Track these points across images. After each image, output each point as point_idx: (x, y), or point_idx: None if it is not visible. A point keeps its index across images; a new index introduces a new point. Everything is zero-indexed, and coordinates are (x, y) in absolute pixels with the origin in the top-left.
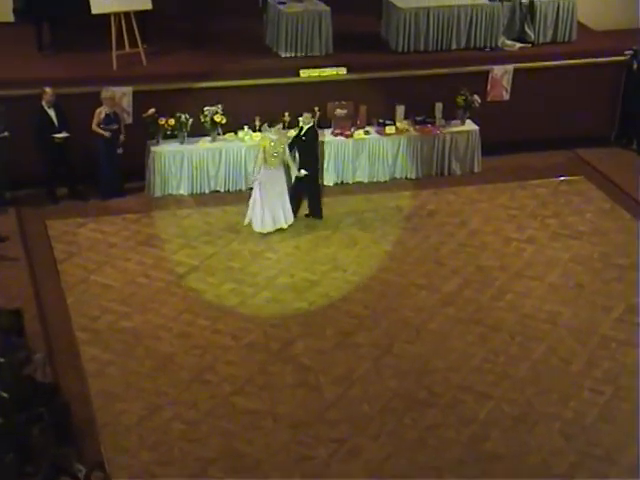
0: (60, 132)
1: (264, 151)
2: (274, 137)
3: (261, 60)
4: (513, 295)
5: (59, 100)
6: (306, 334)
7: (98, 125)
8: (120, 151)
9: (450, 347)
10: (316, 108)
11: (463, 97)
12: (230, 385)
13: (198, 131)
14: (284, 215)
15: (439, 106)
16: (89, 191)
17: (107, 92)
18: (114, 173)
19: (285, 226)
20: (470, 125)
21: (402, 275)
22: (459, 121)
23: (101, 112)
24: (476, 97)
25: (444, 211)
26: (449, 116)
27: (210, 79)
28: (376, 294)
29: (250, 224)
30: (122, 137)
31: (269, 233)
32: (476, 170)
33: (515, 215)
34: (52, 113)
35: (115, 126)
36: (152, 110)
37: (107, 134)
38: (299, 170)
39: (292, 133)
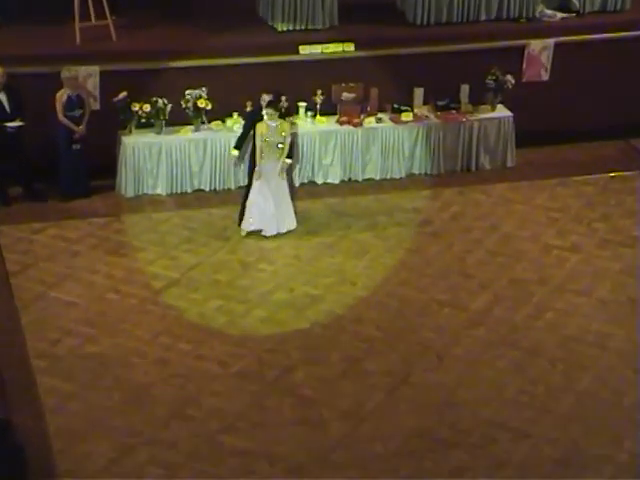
0: (13, 120)
1: (261, 139)
2: (273, 123)
3: (253, 34)
4: (554, 313)
5: (11, 82)
6: (308, 360)
7: (65, 114)
8: (77, 147)
9: (479, 376)
10: (319, 91)
11: (494, 77)
12: (217, 421)
13: (179, 119)
14: (284, 219)
15: (465, 88)
16: (48, 190)
17: (69, 72)
18: (78, 169)
19: (284, 230)
20: (502, 111)
21: (421, 290)
22: (489, 106)
23: (63, 96)
24: (509, 77)
25: (471, 213)
26: (477, 100)
27: (193, 57)
28: (391, 312)
29: (245, 232)
30: (81, 129)
31: (264, 239)
32: (509, 164)
33: (556, 218)
34: (3, 97)
35: (79, 112)
36: (123, 94)
37: (79, 129)
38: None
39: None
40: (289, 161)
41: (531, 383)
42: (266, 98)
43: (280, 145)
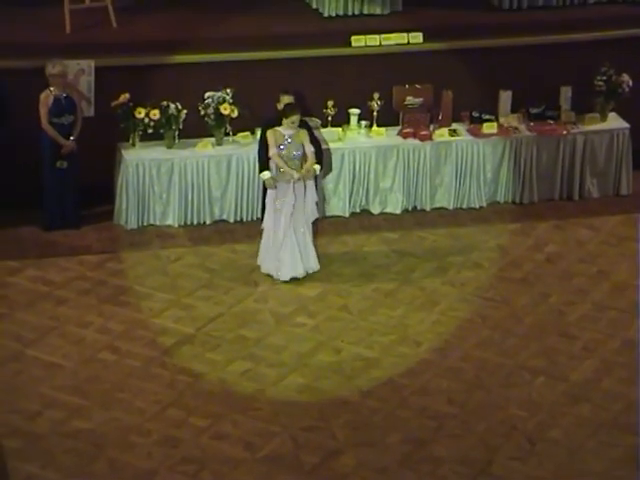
0: None
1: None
2: (287, 132)
3: (292, 21)
4: None
5: None
6: (358, 442)
7: (50, 121)
8: (63, 165)
9: (583, 467)
10: (376, 95)
11: (605, 77)
12: None
13: (195, 129)
14: (304, 257)
15: (566, 91)
16: (27, 219)
17: (55, 67)
18: (65, 192)
19: (302, 274)
20: (616, 121)
21: (507, 353)
22: (598, 115)
23: (48, 97)
24: (625, 77)
25: (573, 255)
26: (582, 107)
27: (214, 49)
28: (467, 382)
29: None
30: (71, 141)
31: (302, 285)
32: (625, 192)
33: None
34: None
35: (70, 118)
36: (125, 96)
37: (68, 142)
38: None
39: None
40: (318, 168)
41: None
42: (285, 100)
43: (297, 161)
